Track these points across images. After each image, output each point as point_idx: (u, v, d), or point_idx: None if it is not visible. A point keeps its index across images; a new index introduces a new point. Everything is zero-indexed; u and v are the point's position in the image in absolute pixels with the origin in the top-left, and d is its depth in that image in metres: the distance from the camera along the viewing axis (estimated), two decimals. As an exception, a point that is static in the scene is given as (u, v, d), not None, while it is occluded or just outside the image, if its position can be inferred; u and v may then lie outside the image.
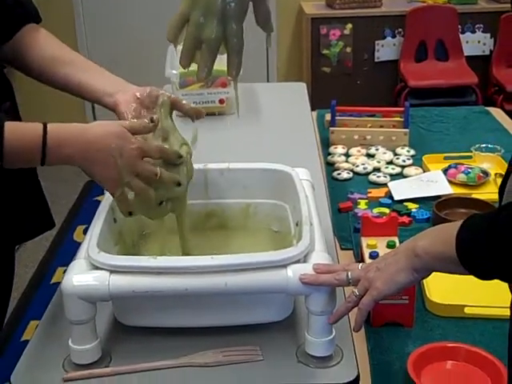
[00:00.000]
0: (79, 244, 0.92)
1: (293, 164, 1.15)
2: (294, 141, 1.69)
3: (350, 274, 0.83)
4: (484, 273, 0.71)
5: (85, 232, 3.23)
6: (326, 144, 1.93)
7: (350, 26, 3.80)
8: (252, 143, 1.68)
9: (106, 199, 1.01)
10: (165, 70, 1.88)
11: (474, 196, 1.55)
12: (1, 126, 0.86)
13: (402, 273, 0.77)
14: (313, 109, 2.06)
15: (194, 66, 0.96)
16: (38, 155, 0.87)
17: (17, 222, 1.10)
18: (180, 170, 0.97)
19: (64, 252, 2.92)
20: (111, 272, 0.83)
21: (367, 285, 0.80)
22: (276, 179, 1.10)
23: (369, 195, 1.62)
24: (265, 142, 1.70)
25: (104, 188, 0.94)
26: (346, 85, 3.86)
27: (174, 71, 1.83)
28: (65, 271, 0.86)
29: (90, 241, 0.88)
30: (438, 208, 1.47)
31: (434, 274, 0.79)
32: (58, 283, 0.86)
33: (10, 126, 0.87)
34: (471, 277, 0.74)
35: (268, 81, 4.08)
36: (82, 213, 3.33)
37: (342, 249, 1.38)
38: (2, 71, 1.05)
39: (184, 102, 1.05)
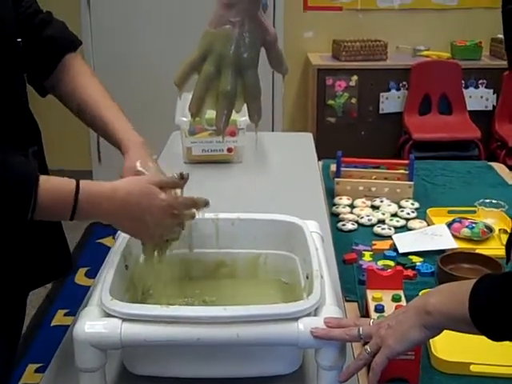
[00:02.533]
0: (81, 287, 0.92)
1: (300, 214, 1.16)
2: (302, 191, 1.71)
3: (361, 329, 0.83)
4: (497, 334, 0.71)
5: (87, 275, 3.22)
6: (330, 194, 1.94)
7: (355, 77, 3.86)
8: (259, 192, 1.70)
9: (118, 245, 1.01)
10: (175, 116, 1.90)
11: (478, 251, 1.55)
12: (35, 180, 0.88)
13: (413, 330, 0.78)
14: (318, 159, 2.08)
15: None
16: (68, 212, 0.90)
17: (37, 264, 1.08)
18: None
19: (65, 295, 2.88)
20: (123, 320, 0.83)
21: (379, 342, 0.80)
22: (286, 231, 1.11)
23: (373, 247, 1.62)
24: (272, 191, 1.71)
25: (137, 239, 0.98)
26: (350, 135, 3.91)
27: (185, 118, 1.86)
28: (65, 314, 0.86)
29: (103, 288, 0.89)
30: (442, 262, 1.47)
31: (439, 329, 0.79)
32: (59, 326, 0.86)
33: (43, 181, 0.89)
34: (478, 335, 0.74)
35: (273, 130, 4.12)
36: (85, 255, 3.32)
37: (346, 300, 1.38)
38: (31, 112, 1.07)
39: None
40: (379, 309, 1.19)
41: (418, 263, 1.54)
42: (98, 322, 0.84)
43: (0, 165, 0.86)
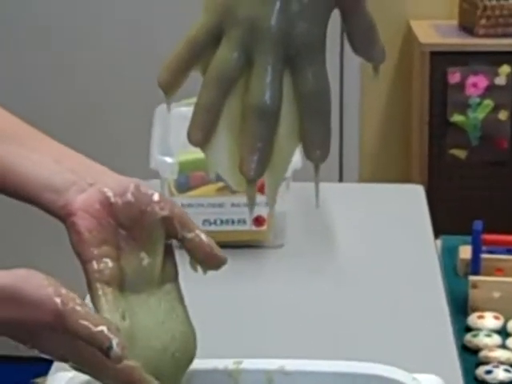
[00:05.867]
0: None
1: (405, 358, 1.20)
2: (403, 303, 1.72)
3: None
4: None
5: None
6: (460, 307, 1.94)
7: (506, 69, 3.89)
8: (319, 309, 1.71)
9: None
10: (149, 156, 1.91)
11: None
12: None
13: None
14: (434, 233, 2.08)
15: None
16: None
17: None
18: None
19: None
20: None
21: None
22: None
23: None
24: (344, 306, 1.73)
25: None
26: (498, 184, 3.91)
27: (169, 159, 1.88)
28: None
29: None
30: None
31: None
32: None
33: None
34: None
35: (341, 179, 4.17)
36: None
37: None
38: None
39: (190, 229, 1.08)
40: None
41: None
42: None
43: None
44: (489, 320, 1.91)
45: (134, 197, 1.07)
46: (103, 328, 0.95)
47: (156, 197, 1.07)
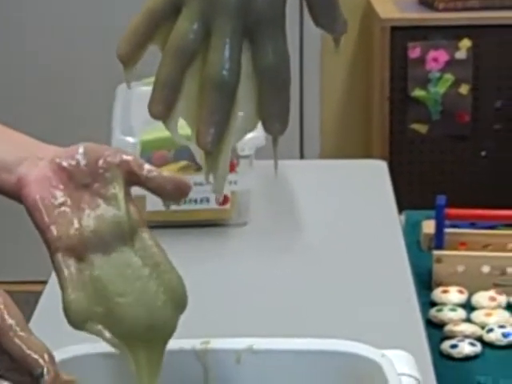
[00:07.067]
0: None
1: (372, 335, 1.19)
2: (368, 279, 1.72)
3: None
4: None
5: None
6: (424, 282, 1.95)
7: (466, 43, 3.89)
8: (284, 287, 1.71)
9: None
10: (111, 134, 1.90)
11: None
12: None
13: None
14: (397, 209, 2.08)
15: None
16: None
17: None
18: None
19: None
20: None
21: None
22: (347, 373, 1.11)
23: (518, 391, 1.62)
24: (310, 283, 1.73)
25: None
26: (460, 158, 3.91)
27: (131, 138, 1.87)
28: None
29: None
30: None
31: None
32: None
33: None
34: None
35: (302, 155, 4.18)
36: None
37: None
38: None
39: (150, 169, 1.07)
40: None
41: None
42: None
43: None
44: (453, 294, 1.92)
45: (84, 155, 1.06)
46: (36, 355, 0.93)
47: (106, 149, 1.07)
